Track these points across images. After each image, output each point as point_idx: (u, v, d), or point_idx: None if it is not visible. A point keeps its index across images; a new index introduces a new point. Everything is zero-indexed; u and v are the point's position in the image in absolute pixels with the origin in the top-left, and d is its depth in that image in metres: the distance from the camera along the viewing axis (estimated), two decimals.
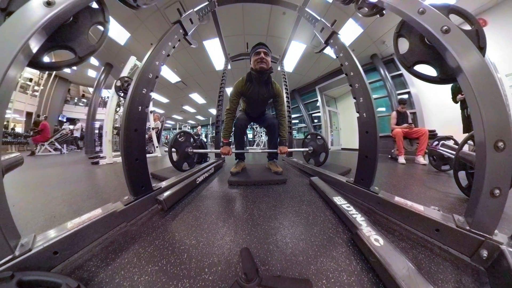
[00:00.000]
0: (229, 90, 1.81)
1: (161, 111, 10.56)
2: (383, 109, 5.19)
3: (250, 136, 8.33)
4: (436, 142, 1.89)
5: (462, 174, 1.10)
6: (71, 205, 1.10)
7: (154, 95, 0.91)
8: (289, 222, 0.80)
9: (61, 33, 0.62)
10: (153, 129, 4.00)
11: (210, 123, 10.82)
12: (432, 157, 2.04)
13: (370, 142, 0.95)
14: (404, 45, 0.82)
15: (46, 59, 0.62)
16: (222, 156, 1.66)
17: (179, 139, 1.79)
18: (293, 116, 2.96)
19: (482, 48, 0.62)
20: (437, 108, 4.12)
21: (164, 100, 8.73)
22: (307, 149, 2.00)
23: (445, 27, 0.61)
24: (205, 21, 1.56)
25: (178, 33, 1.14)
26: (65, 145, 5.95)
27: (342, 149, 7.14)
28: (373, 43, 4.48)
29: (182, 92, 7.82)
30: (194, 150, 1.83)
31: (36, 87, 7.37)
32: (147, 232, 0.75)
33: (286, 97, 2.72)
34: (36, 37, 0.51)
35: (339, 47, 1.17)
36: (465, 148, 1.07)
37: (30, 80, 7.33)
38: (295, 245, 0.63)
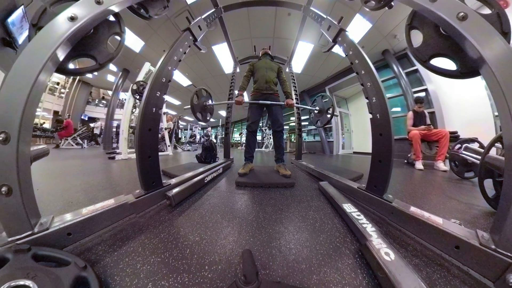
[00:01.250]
0: (237, 93, 1.91)
1: (174, 113, 11.07)
2: (398, 109, 4.80)
3: (259, 138, 8.36)
4: (458, 146, 1.75)
5: (488, 183, 0.98)
6: (87, 193, 1.21)
7: (167, 97, 0.99)
8: (295, 227, 0.78)
9: (83, 44, 0.71)
10: (166, 129, 4.25)
11: (220, 124, 11.07)
12: (453, 163, 1.86)
13: (384, 145, 0.90)
14: (417, 37, 0.75)
15: (71, 66, 0.71)
16: (236, 104, 1.77)
17: (202, 93, 1.83)
18: (302, 118, 2.90)
19: (506, 34, 0.55)
20: (459, 107, 3.63)
21: (177, 102, 9.30)
22: (313, 108, 1.96)
23: (462, 13, 0.55)
24: (213, 27, 1.66)
25: (188, 40, 1.21)
26: (85, 141, 6.67)
27: (354, 152, 6.80)
28: (384, 38, 4.18)
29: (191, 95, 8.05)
30: (210, 103, 1.87)
31: (62, 90, 8.62)
32: (154, 225, 0.78)
33: (296, 98, 2.70)
34: (62, 47, 0.60)
35: (348, 44, 1.14)
36: (492, 151, 0.96)
37: (58, 83, 8.54)
38: (299, 251, 0.61)
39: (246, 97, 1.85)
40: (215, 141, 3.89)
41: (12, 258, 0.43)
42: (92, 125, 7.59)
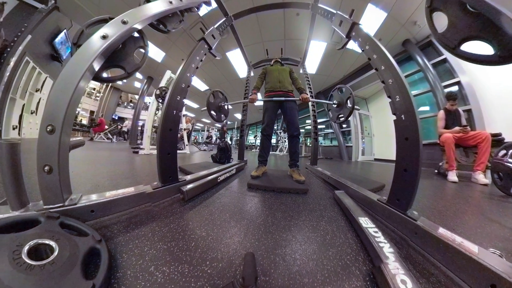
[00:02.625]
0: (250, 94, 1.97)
1: (192, 115, 11.98)
2: (427, 108, 4.18)
3: (273, 141, 8.30)
4: (503, 152, 1.45)
5: None
6: (112, 180, 1.37)
7: (186, 101, 1.10)
8: (303, 237, 0.75)
9: (114, 56, 0.84)
10: (184, 130, 4.67)
11: (235, 127, 11.45)
12: (496, 174, 1.55)
13: (411, 151, 0.79)
14: (441, 20, 0.65)
15: (104, 74, 0.85)
16: (250, 102, 1.80)
17: (217, 95, 1.94)
18: (319, 120, 2.78)
19: None
20: (502, 101, 2.91)
21: (195, 105, 10.20)
22: (331, 102, 1.80)
23: None
24: (225, 35, 1.76)
25: (203, 48, 1.31)
26: (115, 136, 7.85)
27: (375, 159, 6.17)
28: (402, 26, 3.73)
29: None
30: (225, 103, 1.98)
31: (97, 94, 10.60)
32: (166, 215, 0.83)
33: (311, 96, 2.60)
34: (97, 60, 0.74)
35: (363, 38, 1.07)
36: None
37: (94, 89, 10.52)
38: (304, 263, 0.58)
39: (260, 97, 1.87)
40: (230, 142, 4.02)
41: (44, 222, 0.52)
42: (123, 125, 9.06)
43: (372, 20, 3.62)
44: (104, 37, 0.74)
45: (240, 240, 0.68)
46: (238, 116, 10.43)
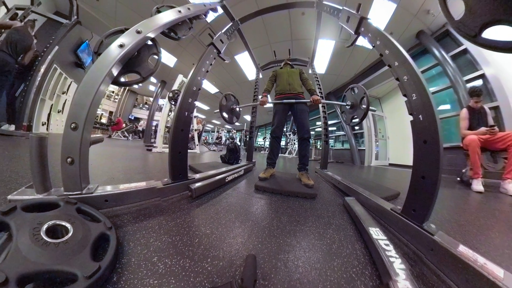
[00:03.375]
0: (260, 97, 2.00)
1: (203, 116, 12.59)
2: (447, 106, 3.73)
3: (282, 143, 8.21)
4: None
5: None
6: (126, 174, 1.47)
7: (197, 103, 1.16)
8: (308, 244, 0.73)
9: (130, 63, 0.93)
10: (195, 130, 4.88)
11: (244, 129, 11.73)
12: None
13: (430, 156, 0.72)
14: (458, 5, 0.57)
15: (122, 79, 0.94)
16: (261, 105, 1.81)
17: (229, 98, 2.01)
18: (329, 122, 2.67)
19: None
20: None
21: (206, 107, 10.65)
22: (344, 103, 1.70)
23: None
24: (233, 38, 1.81)
25: (212, 53, 1.37)
26: (131, 134, 8.66)
27: (390, 164, 5.71)
28: (415, 17, 3.44)
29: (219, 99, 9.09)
30: (236, 106, 2.04)
31: (116, 96, 11.79)
32: (173, 210, 0.87)
33: (321, 97, 2.52)
34: (115, 66, 0.82)
35: (373, 33, 1.02)
36: None
37: (113, 92, 11.69)
38: (306, 272, 0.56)
39: (270, 100, 1.88)
40: (239, 143, 4.11)
41: (62, 206, 0.57)
42: (139, 124, 10.09)
43: (381, 13, 3.42)
44: (121, 46, 0.83)
45: (243, 241, 0.68)
46: (248, 118, 10.67)
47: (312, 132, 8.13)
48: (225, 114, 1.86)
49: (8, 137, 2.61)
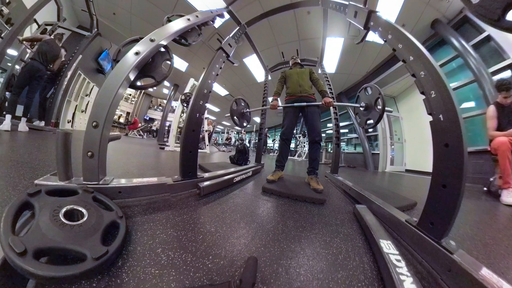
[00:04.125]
0: (271, 99, 1.99)
1: (214, 118, 13.28)
2: (471, 103, 3.32)
3: (292, 146, 8.06)
4: None
5: None
6: (139, 169, 1.58)
7: (208, 105, 1.22)
8: (313, 252, 0.70)
9: (145, 68, 1.02)
10: (206, 131, 5.07)
11: (254, 130, 11.90)
12: None
13: (452, 162, 0.64)
14: None
15: (138, 83, 1.02)
16: (271, 109, 1.81)
17: (240, 102, 2.07)
18: (341, 124, 2.55)
19: None
20: None
21: (216, 109, 11.17)
22: (358, 105, 1.61)
23: None
24: (240, 42, 1.86)
25: (221, 57, 1.43)
26: (146, 134, 9.49)
27: (407, 171, 5.31)
28: (427, 4, 3.14)
29: (230, 103, 9.17)
30: (247, 110, 2.08)
31: (132, 99, 13.19)
32: (181, 206, 0.90)
33: (332, 98, 2.40)
34: (132, 72, 0.90)
35: (384, 27, 0.97)
36: None
37: (130, 94, 13.09)
38: (307, 281, 0.54)
39: (280, 103, 1.87)
40: (248, 145, 4.15)
41: (80, 193, 0.64)
42: (153, 124, 11.11)
43: (390, 4, 3.20)
44: (136, 53, 0.91)
45: (246, 243, 0.68)
46: (257, 119, 10.96)
47: (323, 134, 7.80)
48: (235, 118, 1.90)
49: (38, 132, 3.03)
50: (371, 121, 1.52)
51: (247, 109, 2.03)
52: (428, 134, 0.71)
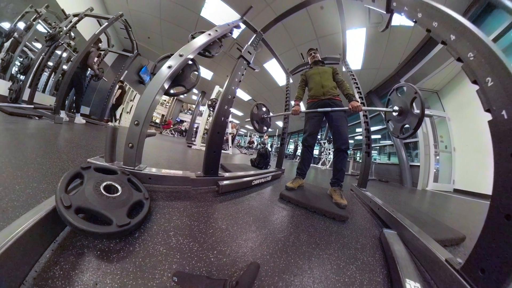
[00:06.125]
0: (293, 104, 1.94)
1: (237, 122, 14.51)
2: None
3: (316, 152, 7.56)
4: None
5: None
6: (168, 162, 1.88)
7: (232, 110, 1.31)
8: (321, 274, 0.63)
9: (177, 79, 1.21)
10: (230, 133, 5.45)
11: (276, 134, 12.08)
12: None
13: None
14: None
15: (171, 91, 1.22)
16: (293, 114, 1.73)
17: (261, 107, 2.08)
18: (372, 129, 2.14)
19: None
20: None
21: (240, 113, 12.19)
22: (389, 109, 1.38)
23: None
24: (259, 48, 1.91)
25: (243, 64, 1.55)
26: (176, 133, 10.86)
27: (456, 191, 4.16)
28: None
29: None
30: (267, 116, 2.10)
31: (167, 104, 15.33)
32: (199, 200, 1.00)
33: (361, 103, 2.12)
34: (166, 82, 1.09)
35: (410, 5, 0.83)
36: None
37: (165, 100, 15.29)
38: None
39: (303, 107, 1.80)
40: (270, 149, 4.13)
41: (119, 174, 0.80)
42: (183, 125, 12.92)
43: None
44: (169, 67, 1.09)
45: (253, 247, 0.67)
46: (280, 124, 11.26)
47: (350, 141, 6.87)
48: (255, 123, 1.94)
49: (95, 125, 3.94)
50: (407, 126, 1.29)
51: (268, 115, 2.04)
52: (487, 139, 0.52)
